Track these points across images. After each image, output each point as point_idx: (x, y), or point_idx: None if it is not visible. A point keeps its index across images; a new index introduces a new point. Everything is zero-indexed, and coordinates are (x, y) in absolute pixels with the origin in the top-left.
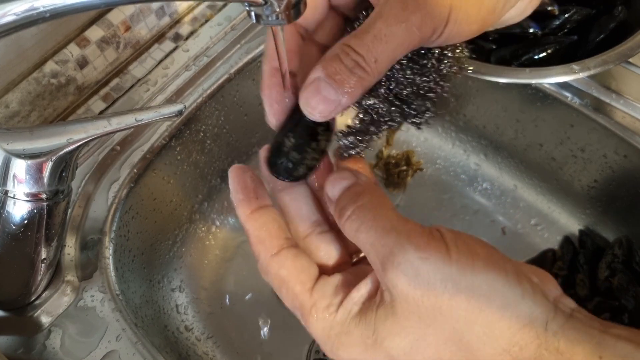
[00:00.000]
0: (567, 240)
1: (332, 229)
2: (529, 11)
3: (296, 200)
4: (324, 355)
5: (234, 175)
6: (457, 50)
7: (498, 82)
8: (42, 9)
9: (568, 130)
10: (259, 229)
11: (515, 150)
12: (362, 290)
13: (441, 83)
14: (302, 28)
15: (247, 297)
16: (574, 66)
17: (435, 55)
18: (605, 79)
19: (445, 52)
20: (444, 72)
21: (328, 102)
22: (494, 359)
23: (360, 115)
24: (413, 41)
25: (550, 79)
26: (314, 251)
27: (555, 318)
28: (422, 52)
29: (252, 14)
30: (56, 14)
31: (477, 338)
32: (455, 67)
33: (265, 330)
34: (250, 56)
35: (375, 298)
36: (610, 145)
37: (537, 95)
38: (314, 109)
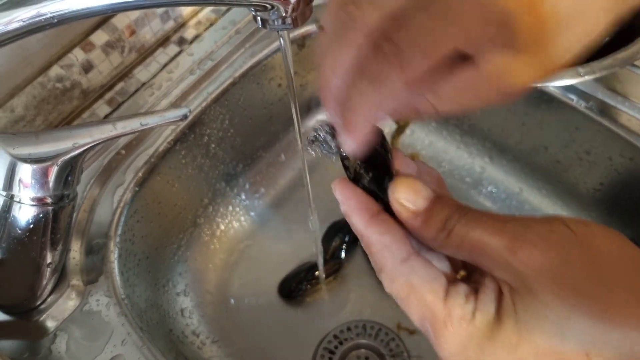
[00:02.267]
0: None
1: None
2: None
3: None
4: (330, 359)
5: (342, 186)
6: None
7: None
8: (49, 15)
9: (573, 132)
10: (383, 233)
11: (520, 153)
12: (489, 290)
13: None
14: None
15: (252, 301)
16: (579, 69)
17: None
18: (611, 82)
19: None
20: None
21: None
22: None
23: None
24: None
25: (556, 82)
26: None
27: None
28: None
29: (258, 18)
30: (63, 20)
31: (623, 306)
32: None
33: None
34: (254, 60)
35: (504, 293)
36: (615, 148)
37: (542, 98)
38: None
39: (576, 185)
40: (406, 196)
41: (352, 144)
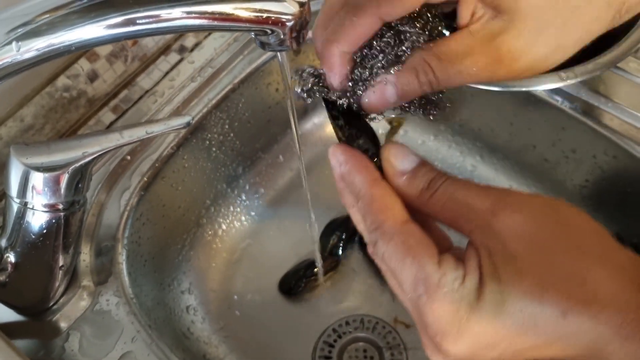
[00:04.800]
0: None
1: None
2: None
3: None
4: (329, 352)
5: (342, 148)
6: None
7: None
8: (60, 45)
9: (559, 132)
10: (387, 195)
11: (510, 152)
12: (472, 258)
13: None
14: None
15: (254, 298)
16: (562, 74)
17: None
18: (595, 84)
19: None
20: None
21: (384, 102)
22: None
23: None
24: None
25: (540, 87)
26: None
27: None
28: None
29: (258, 41)
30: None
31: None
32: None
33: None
34: (253, 66)
35: (483, 258)
36: (599, 147)
37: (530, 99)
38: (368, 102)
39: (563, 182)
40: (395, 156)
41: (329, 71)
